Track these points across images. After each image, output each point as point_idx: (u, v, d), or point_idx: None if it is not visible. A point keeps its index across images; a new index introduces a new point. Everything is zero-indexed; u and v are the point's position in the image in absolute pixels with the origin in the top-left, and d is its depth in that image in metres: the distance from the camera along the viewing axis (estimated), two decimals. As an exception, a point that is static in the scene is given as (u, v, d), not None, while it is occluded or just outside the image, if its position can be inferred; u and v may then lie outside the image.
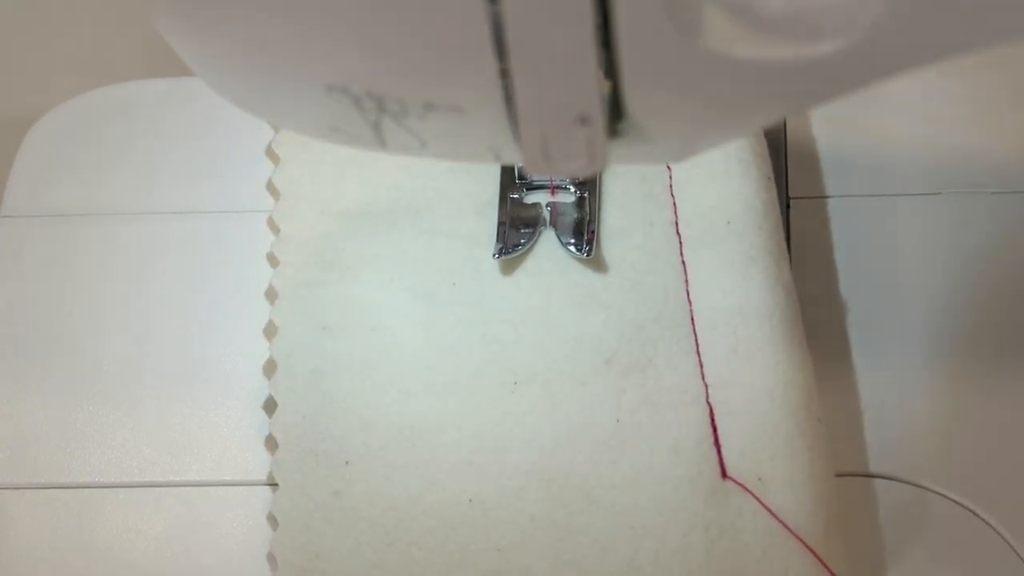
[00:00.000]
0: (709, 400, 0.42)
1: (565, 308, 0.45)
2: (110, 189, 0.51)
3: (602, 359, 0.44)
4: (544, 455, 0.42)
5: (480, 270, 0.46)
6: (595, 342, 0.44)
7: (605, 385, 0.43)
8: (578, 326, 0.45)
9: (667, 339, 0.44)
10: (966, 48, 0.27)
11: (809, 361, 0.43)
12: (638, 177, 0.48)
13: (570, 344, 0.44)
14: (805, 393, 0.42)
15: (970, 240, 0.45)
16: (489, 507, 0.41)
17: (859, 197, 0.46)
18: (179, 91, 0.54)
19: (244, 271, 0.49)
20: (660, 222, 0.47)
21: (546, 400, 0.43)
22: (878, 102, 0.48)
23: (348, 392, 0.44)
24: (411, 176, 0.49)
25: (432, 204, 0.48)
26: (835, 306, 0.45)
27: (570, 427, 0.43)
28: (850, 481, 0.42)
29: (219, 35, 0.31)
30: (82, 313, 0.48)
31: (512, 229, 0.47)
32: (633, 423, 0.42)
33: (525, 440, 0.42)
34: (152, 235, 0.50)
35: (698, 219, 0.46)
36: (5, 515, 0.44)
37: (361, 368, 0.44)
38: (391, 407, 0.43)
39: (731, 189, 0.47)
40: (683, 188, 0.47)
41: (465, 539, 0.41)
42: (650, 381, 0.43)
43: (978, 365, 0.43)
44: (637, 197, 0.47)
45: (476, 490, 0.42)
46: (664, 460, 0.41)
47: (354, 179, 0.49)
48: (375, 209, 0.48)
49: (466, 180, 0.48)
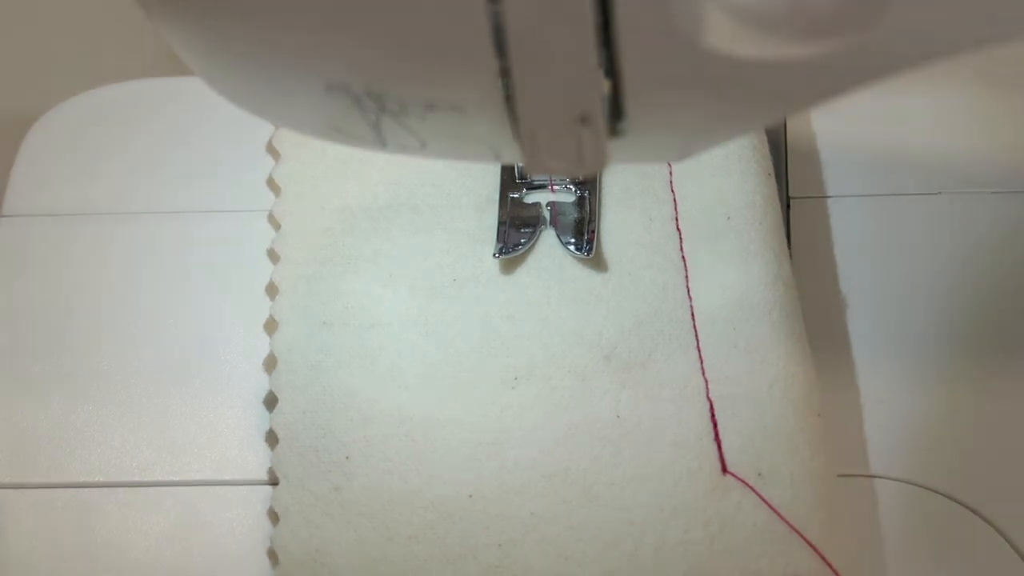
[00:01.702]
0: (709, 395, 0.42)
1: (565, 303, 0.45)
2: (110, 189, 0.51)
3: (602, 354, 0.44)
4: (544, 450, 0.42)
5: (480, 266, 0.46)
6: (595, 337, 0.44)
7: (605, 380, 0.43)
8: (578, 321, 0.45)
9: (667, 334, 0.44)
10: (966, 48, 0.27)
11: (809, 356, 0.43)
12: (638, 172, 0.48)
13: (570, 339, 0.44)
14: (805, 388, 0.42)
15: (970, 240, 0.45)
16: (489, 502, 0.41)
17: (859, 197, 0.46)
18: (179, 90, 0.54)
19: (245, 267, 0.49)
20: (660, 217, 0.47)
21: (546, 395, 0.43)
22: (878, 102, 0.48)
23: (348, 387, 0.44)
24: (411, 172, 0.49)
25: (432, 200, 0.48)
26: (835, 306, 0.45)
27: (570, 422, 0.43)
28: (850, 481, 0.42)
29: (219, 35, 0.31)
30: (82, 312, 0.48)
31: (512, 229, 0.47)
32: (633, 418, 0.42)
33: (525, 435, 0.42)
34: (152, 234, 0.50)
35: (698, 214, 0.47)
36: (5, 515, 0.44)
37: (361, 363, 0.44)
38: (391, 402, 0.43)
39: (731, 184, 0.47)
40: (683, 183, 0.47)
41: (465, 534, 0.41)
42: (650, 376, 0.43)
43: (978, 365, 0.43)
44: (637, 192, 0.47)
45: (476, 485, 0.42)
46: (664, 455, 0.42)
47: (354, 175, 0.49)
48: (375, 205, 0.48)
49: (466, 177, 0.49)
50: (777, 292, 0.44)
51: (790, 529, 0.40)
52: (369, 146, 0.33)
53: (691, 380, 0.43)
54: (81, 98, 0.54)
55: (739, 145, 0.47)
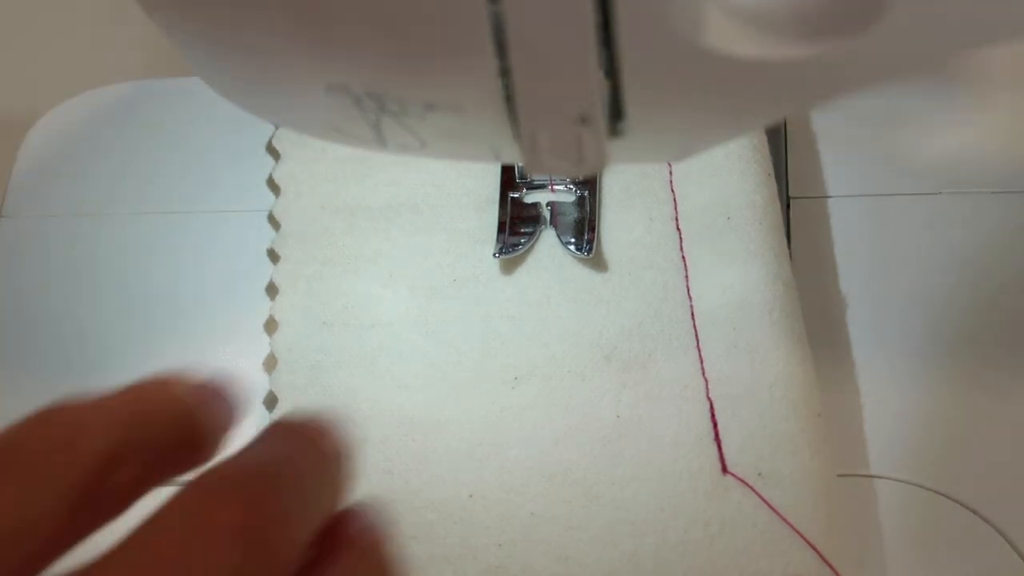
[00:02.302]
0: (709, 395, 0.42)
1: (565, 304, 0.45)
2: (110, 189, 0.51)
3: (602, 354, 0.44)
4: (544, 450, 0.42)
5: (480, 266, 0.46)
6: (595, 337, 0.44)
7: (605, 380, 0.43)
8: (578, 322, 0.45)
9: (667, 334, 0.44)
10: (966, 47, 0.27)
11: (809, 356, 0.43)
12: (638, 173, 0.48)
13: (570, 340, 0.44)
14: (805, 388, 0.42)
15: (970, 240, 0.45)
16: (490, 502, 0.41)
17: (859, 197, 0.46)
18: (179, 90, 0.54)
19: (245, 267, 0.49)
20: (660, 217, 0.47)
21: (546, 395, 0.43)
22: (878, 102, 0.48)
23: (348, 387, 0.44)
24: (410, 172, 0.49)
25: (432, 200, 0.48)
26: (835, 306, 0.45)
27: (571, 422, 0.43)
28: (850, 481, 0.42)
29: (219, 35, 0.31)
30: (82, 313, 0.48)
31: (512, 228, 0.47)
32: (633, 418, 0.42)
33: (525, 435, 0.42)
34: (152, 234, 0.50)
35: (698, 214, 0.47)
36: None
37: (361, 363, 0.44)
38: (391, 402, 0.44)
39: (731, 185, 0.47)
40: (683, 183, 0.47)
41: (465, 534, 0.41)
42: (650, 376, 0.43)
43: (978, 365, 0.43)
44: (637, 192, 0.47)
45: (476, 485, 0.42)
46: (664, 455, 0.42)
47: (354, 175, 0.49)
48: (375, 205, 0.48)
49: (466, 177, 0.49)
50: (777, 292, 0.44)
51: (790, 529, 0.40)
52: (369, 146, 0.33)
53: (691, 380, 0.43)
54: (81, 98, 0.54)
55: (739, 145, 0.47)
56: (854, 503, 0.42)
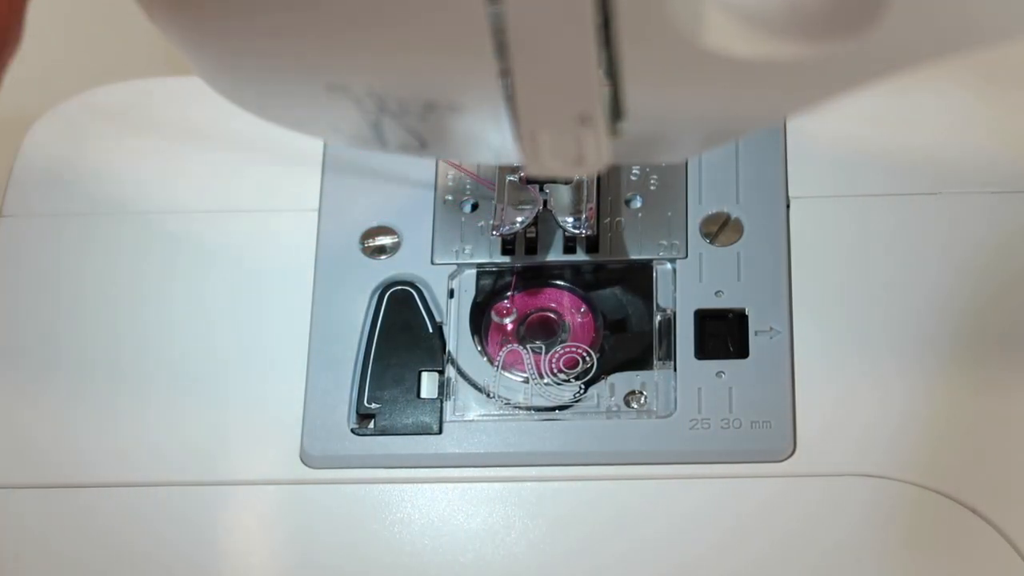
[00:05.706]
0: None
1: None
2: (110, 189, 0.51)
3: None
4: None
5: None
6: None
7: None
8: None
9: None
10: (965, 48, 0.27)
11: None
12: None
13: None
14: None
15: (970, 240, 0.45)
16: None
17: (859, 197, 0.46)
18: (179, 90, 0.53)
19: (245, 267, 0.49)
20: None
21: None
22: (878, 102, 0.47)
23: None
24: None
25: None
26: (836, 306, 0.45)
27: None
28: (850, 481, 0.42)
29: (218, 34, 0.31)
30: (82, 313, 0.48)
31: (510, 207, 0.47)
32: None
33: None
34: (152, 234, 0.50)
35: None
36: (5, 515, 0.44)
37: None
38: None
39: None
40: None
41: None
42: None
43: (978, 365, 0.43)
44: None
45: None
46: None
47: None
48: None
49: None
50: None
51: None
52: (369, 146, 0.33)
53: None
54: (81, 98, 0.54)
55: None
56: (854, 503, 0.42)
